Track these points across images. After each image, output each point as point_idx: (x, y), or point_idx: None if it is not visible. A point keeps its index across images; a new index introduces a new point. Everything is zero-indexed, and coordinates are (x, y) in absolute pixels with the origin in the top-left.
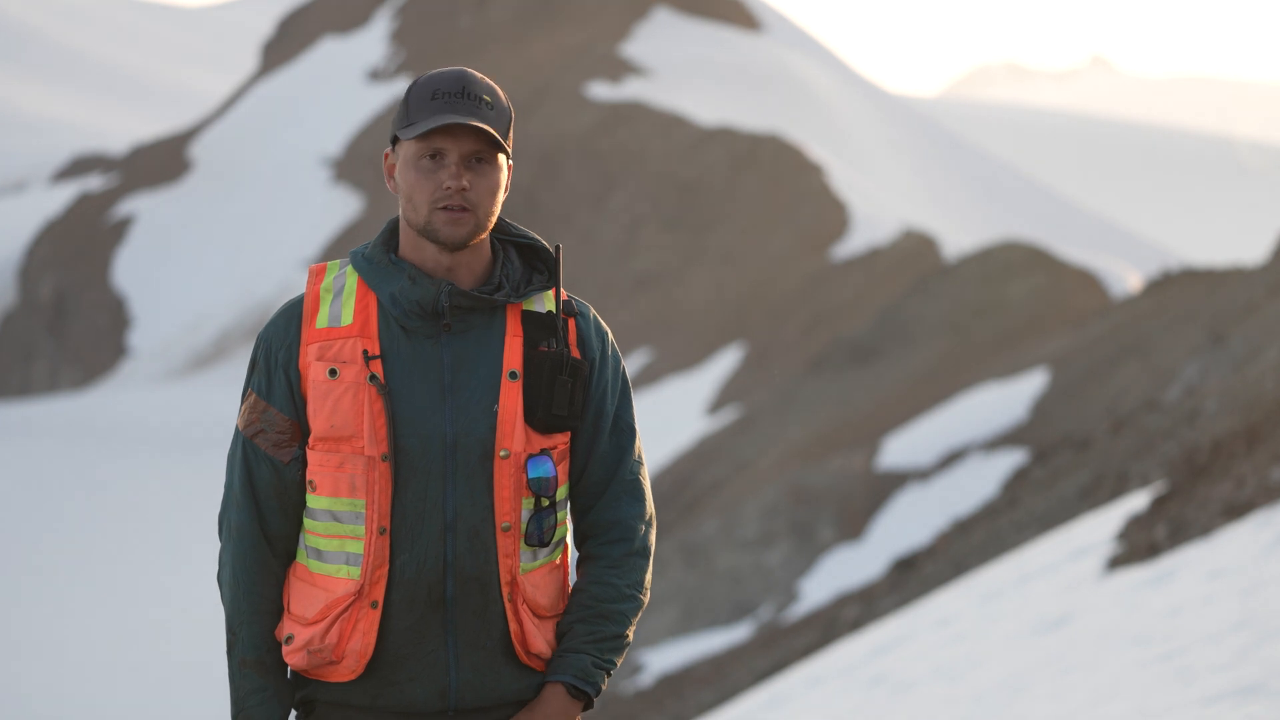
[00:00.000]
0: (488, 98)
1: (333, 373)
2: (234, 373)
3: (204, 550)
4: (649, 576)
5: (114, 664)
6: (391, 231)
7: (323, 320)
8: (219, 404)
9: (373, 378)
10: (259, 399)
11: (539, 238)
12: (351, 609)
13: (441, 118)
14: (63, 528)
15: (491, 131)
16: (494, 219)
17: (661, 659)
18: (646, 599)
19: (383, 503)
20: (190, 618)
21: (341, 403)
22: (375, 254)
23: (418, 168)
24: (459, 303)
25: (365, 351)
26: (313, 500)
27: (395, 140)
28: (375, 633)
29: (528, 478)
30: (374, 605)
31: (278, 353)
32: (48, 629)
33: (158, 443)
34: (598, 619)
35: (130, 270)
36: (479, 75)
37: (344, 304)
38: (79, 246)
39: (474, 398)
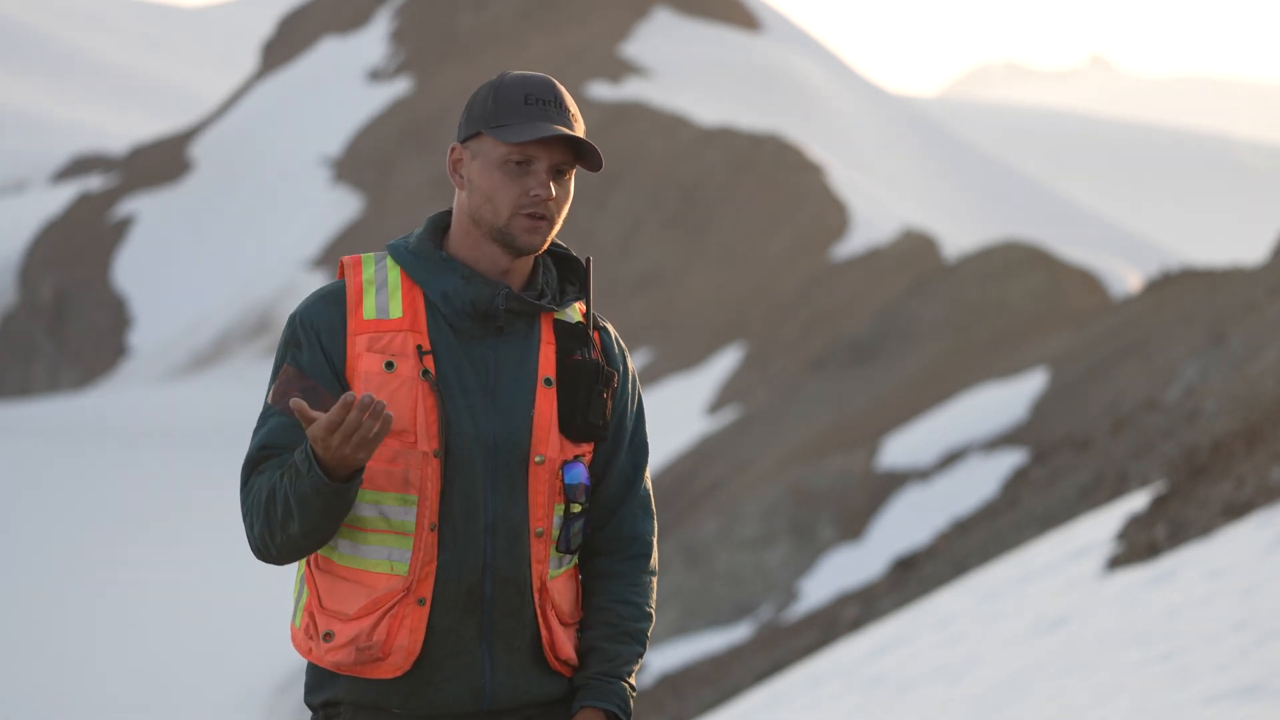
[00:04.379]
0: (574, 110)
1: (390, 365)
2: (234, 373)
3: (204, 549)
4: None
5: (115, 663)
6: (437, 227)
7: (369, 311)
8: (219, 404)
9: (425, 373)
10: (299, 373)
11: (569, 249)
12: (399, 605)
13: (544, 127)
14: (63, 527)
15: (594, 147)
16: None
17: (661, 659)
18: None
19: (434, 499)
20: (191, 617)
21: (397, 396)
22: (423, 249)
23: (504, 170)
24: (513, 306)
25: (419, 347)
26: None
27: (470, 136)
28: (424, 629)
29: (564, 483)
30: (420, 602)
31: (320, 333)
32: (48, 629)
33: (158, 443)
34: (625, 639)
35: (130, 270)
36: (559, 84)
37: (390, 296)
38: (79, 246)
39: (513, 402)
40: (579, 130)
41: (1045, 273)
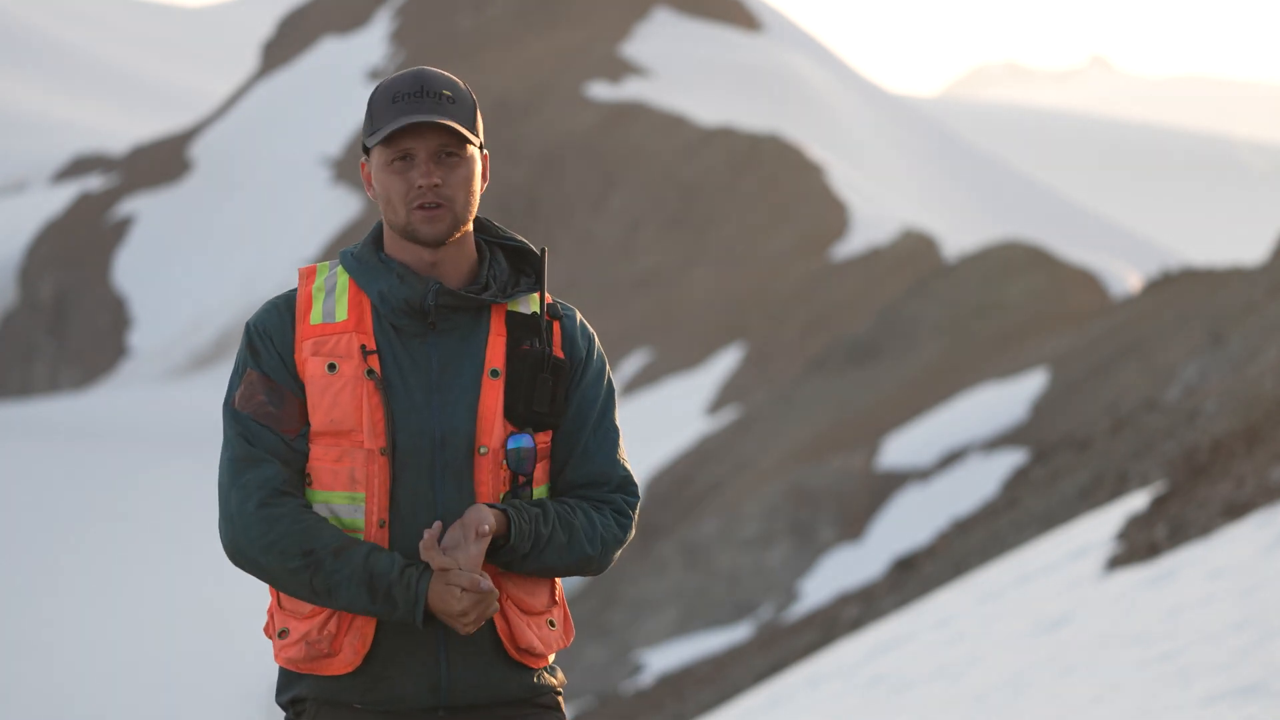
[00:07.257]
0: (447, 92)
1: (332, 367)
2: None
3: (203, 549)
4: (604, 560)
5: (113, 663)
6: (380, 231)
7: (316, 317)
8: (219, 404)
9: (370, 372)
10: (264, 377)
11: (525, 240)
12: None
13: (402, 119)
14: (62, 527)
15: (454, 125)
16: (472, 210)
17: (661, 659)
18: (586, 564)
19: (382, 496)
20: (190, 617)
21: (341, 397)
22: (364, 253)
23: (390, 170)
24: (445, 302)
25: (363, 346)
26: (308, 494)
27: (367, 149)
28: (373, 625)
29: (506, 449)
30: None
31: (273, 338)
32: (47, 629)
33: (158, 443)
34: (540, 506)
35: (130, 270)
36: (436, 70)
37: (337, 301)
38: (79, 246)
39: (458, 396)
40: (452, 110)
41: (1045, 273)
